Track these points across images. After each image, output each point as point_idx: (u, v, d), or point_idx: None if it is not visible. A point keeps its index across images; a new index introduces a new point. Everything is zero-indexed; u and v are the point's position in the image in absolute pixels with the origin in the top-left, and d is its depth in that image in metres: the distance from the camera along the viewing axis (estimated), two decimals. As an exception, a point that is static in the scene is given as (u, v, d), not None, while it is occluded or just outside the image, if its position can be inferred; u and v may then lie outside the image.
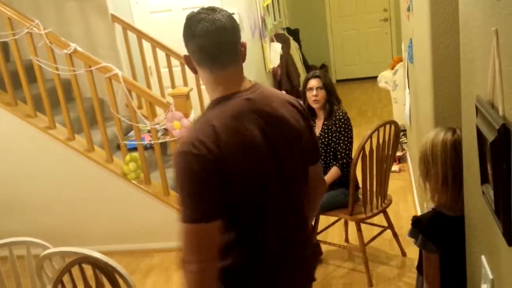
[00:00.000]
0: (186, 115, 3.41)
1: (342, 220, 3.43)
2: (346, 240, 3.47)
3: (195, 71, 1.44)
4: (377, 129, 2.94)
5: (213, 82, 1.41)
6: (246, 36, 5.05)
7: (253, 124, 1.38)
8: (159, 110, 3.77)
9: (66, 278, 1.78)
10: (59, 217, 3.74)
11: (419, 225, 1.67)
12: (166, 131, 3.76)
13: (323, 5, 7.57)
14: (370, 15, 7.55)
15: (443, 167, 1.62)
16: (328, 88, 3.11)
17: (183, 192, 1.34)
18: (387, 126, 3.00)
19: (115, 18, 4.39)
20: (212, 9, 1.39)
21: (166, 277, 3.49)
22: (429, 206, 1.78)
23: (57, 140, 3.62)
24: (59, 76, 3.51)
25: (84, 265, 1.80)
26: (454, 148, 1.61)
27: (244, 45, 1.45)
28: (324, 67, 7.32)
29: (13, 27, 3.44)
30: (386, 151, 2.97)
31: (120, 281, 1.90)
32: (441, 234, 1.65)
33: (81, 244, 2.31)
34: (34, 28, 3.37)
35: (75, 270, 1.80)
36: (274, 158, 1.42)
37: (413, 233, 1.72)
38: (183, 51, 1.45)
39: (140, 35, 4.40)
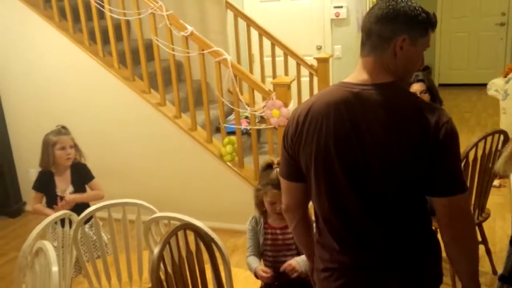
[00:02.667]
0: (286, 104, 3.50)
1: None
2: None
3: None
4: (484, 138, 2.78)
5: (358, 66, 1.46)
6: (352, 29, 5.04)
7: (338, 119, 1.38)
8: (257, 97, 3.90)
9: (173, 242, 1.96)
10: (159, 186, 4.02)
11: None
12: (261, 119, 3.90)
13: (435, 4, 7.27)
14: (485, 18, 7.16)
15: None
16: (432, 91, 3.04)
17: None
18: (496, 136, 2.82)
19: (228, 4, 4.58)
20: None
21: (250, 257, 3.64)
22: None
23: (166, 116, 3.88)
24: (174, 57, 3.75)
25: (187, 231, 1.97)
26: None
27: (399, 41, 1.37)
28: (427, 69, 7.07)
29: (138, 6, 3.71)
30: (490, 162, 2.82)
31: (216, 252, 2.05)
32: None
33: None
34: (157, 10, 3.63)
35: (179, 235, 1.96)
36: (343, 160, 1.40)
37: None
38: (288, 41, 1.52)
39: (250, 22, 4.55)
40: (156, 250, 1.75)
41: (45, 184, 2.93)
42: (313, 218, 1.61)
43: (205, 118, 3.84)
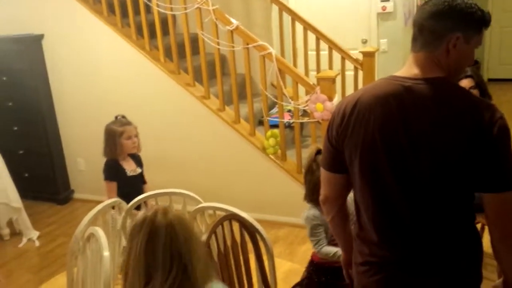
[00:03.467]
0: (330, 99, 3.49)
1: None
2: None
3: None
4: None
5: (408, 60, 1.44)
6: (398, 23, 4.96)
7: (384, 112, 1.38)
8: (300, 91, 3.90)
9: (217, 231, 2.01)
10: (202, 177, 4.09)
11: None
12: (304, 112, 3.89)
13: (486, -3, 7.06)
14: (540, 12, 6.88)
15: None
16: (481, 86, 2.96)
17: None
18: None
19: (273, -1, 4.60)
20: None
21: (290, 249, 3.65)
22: None
23: (210, 109, 3.94)
24: (219, 51, 3.80)
25: (232, 222, 2.01)
26: None
27: (453, 38, 1.35)
28: (476, 64, 6.87)
29: (185, 1, 3.77)
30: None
31: (260, 243, 2.08)
32: None
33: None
34: (203, 4, 3.68)
35: (224, 225, 2.01)
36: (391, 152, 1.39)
37: None
38: (333, 34, 1.51)
39: (294, 16, 4.55)
40: (202, 238, 1.80)
41: (115, 172, 3.05)
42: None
43: (248, 111, 3.87)
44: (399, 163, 1.38)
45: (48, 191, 4.61)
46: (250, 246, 2.06)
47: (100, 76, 4.27)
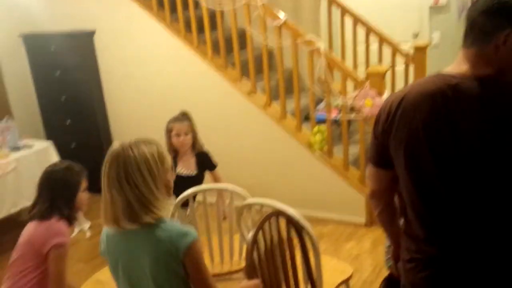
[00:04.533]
0: (380, 94, 3.42)
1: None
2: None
3: None
4: None
5: (458, 56, 1.43)
6: (452, 16, 4.80)
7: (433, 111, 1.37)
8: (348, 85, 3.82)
9: (265, 228, 2.01)
10: (247, 173, 4.10)
11: None
12: (352, 108, 3.82)
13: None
14: None
15: None
16: None
17: None
18: None
19: (322, -7, 4.55)
20: None
21: (336, 246, 3.62)
22: None
23: (256, 105, 3.94)
24: (267, 46, 3.78)
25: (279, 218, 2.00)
26: None
27: (502, 36, 1.33)
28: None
29: (234, -4, 3.78)
30: None
31: (307, 240, 2.07)
32: None
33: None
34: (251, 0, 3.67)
35: (271, 221, 2.00)
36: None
37: None
38: (383, 27, 1.48)
39: (344, 10, 4.48)
40: (250, 233, 1.81)
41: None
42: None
43: (295, 106, 3.85)
44: (444, 160, 1.38)
45: (98, 183, 4.73)
46: (295, 242, 2.05)
47: (149, 71, 4.35)
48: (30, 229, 2.09)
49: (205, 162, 3.02)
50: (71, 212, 2.10)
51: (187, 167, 2.99)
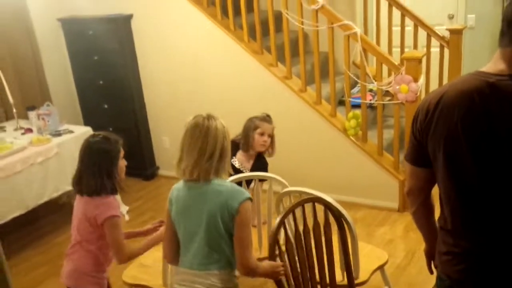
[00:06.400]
0: (416, 80, 3.38)
1: None
2: None
3: None
4: None
5: (495, 55, 1.43)
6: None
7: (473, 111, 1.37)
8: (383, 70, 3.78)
9: (299, 213, 2.05)
10: (282, 158, 4.09)
11: None
12: (387, 92, 3.80)
13: None
14: None
15: None
16: None
17: None
18: None
19: (357, -24, 4.48)
20: None
21: (368, 231, 3.64)
22: None
23: (292, 90, 3.94)
24: (303, 30, 3.77)
25: (316, 205, 2.04)
26: None
27: None
28: None
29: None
30: None
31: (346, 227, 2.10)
32: None
33: (295, 185, 2.48)
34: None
35: (308, 207, 2.04)
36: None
37: None
38: (418, 9, 1.46)
39: (380, -7, 4.41)
40: (278, 218, 1.87)
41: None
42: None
43: (330, 91, 3.84)
44: (482, 157, 1.40)
45: (136, 167, 4.82)
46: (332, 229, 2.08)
47: (185, 56, 4.37)
48: (81, 205, 2.21)
49: (259, 169, 2.99)
50: (114, 183, 2.23)
51: (242, 162, 3.03)
